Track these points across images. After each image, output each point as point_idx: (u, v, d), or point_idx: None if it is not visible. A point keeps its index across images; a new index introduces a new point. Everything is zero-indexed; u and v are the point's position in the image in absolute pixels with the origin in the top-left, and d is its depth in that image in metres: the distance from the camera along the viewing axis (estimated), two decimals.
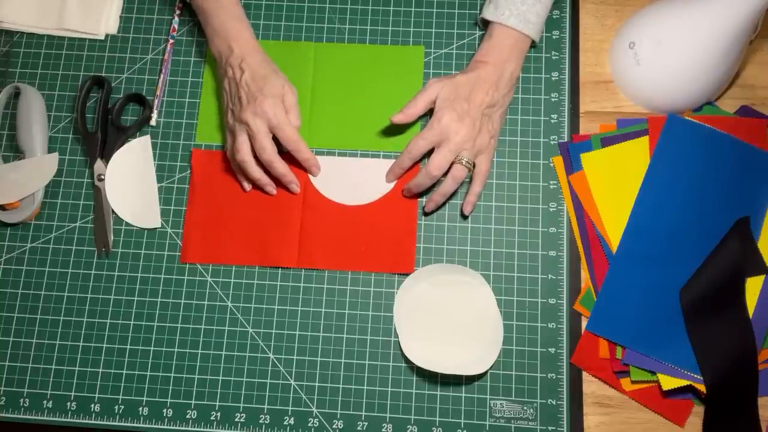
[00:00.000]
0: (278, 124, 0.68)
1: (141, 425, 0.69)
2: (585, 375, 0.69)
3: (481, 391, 0.69)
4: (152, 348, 0.71)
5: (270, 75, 0.70)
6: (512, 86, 0.72)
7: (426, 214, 0.73)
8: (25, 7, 0.80)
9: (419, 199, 0.73)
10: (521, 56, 0.72)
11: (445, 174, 0.70)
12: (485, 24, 0.74)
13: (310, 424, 0.68)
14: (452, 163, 0.69)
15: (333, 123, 0.76)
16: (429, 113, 0.72)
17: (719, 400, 0.65)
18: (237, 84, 0.69)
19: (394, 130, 0.75)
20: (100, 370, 0.71)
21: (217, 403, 0.69)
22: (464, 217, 0.73)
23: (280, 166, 0.70)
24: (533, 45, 0.74)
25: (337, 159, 0.75)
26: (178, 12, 0.80)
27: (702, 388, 0.65)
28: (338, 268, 0.72)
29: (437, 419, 0.68)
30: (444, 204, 0.73)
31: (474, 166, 0.70)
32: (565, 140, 0.75)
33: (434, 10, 0.79)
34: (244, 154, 0.69)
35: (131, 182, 0.75)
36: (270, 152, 0.69)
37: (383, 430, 0.68)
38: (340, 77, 0.77)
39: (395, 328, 0.70)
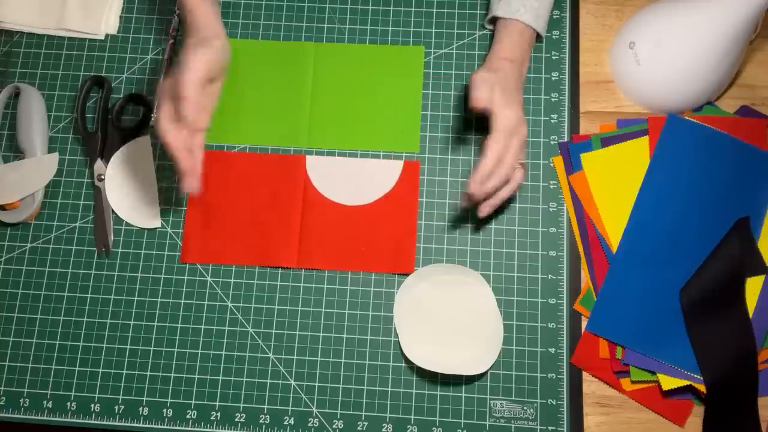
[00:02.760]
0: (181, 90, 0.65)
1: (141, 425, 0.69)
2: (585, 375, 0.69)
3: (481, 391, 0.69)
4: (152, 348, 0.71)
5: (197, 44, 0.67)
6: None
7: (480, 221, 0.72)
8: (25, 7, 0.80)
9: (419, 199, 0.73)
10: (531, 51, 0.73)
11: None
12: (492, 22, 0.74)
13: (310, 424, 0.68)
14: None
15: (333, 123, 0.76)
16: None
17: (719, 400, 0.65)
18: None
19: (394, 129, 0.75)
20: (100, 370, 0.71)
21: (217, 403, 0.69)
22: (477, 225, 0.72)
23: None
24: (538, 40, 0.74)
25: (337, 159, 0.75)
26: (177, 11, 0.80)
27: (702, 388, 0.65)
28: (338, 268, 0.72)
29: (437, 419, 0.68)
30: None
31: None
32: (565, 140, 0.75)
33: (434, 10, 0.79)
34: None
35: (131, 182, 0.75)
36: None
37: (383, 430, 0.68)
38: (341, 77, 0.77)
39: (395, 328, 0.70)
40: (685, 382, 0.65)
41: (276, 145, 0.76)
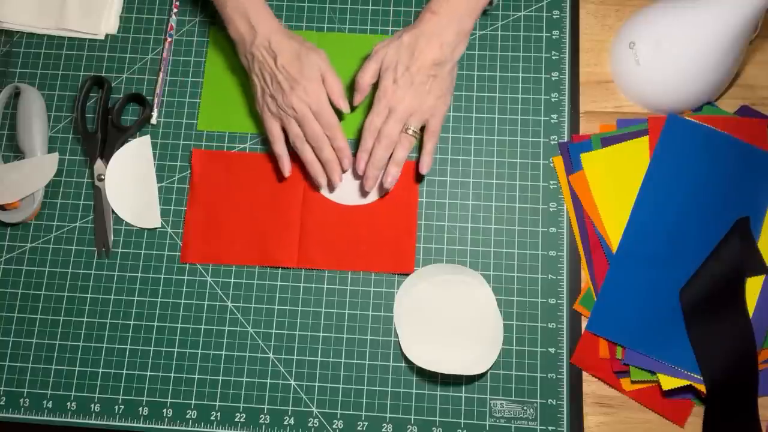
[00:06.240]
0: (319, 109, 0.68)
1: (141, 425, 0.69)
2: (585, 375, 0.69)
3: (481, 391, 0.69)
4: (152, 348, 0.71)
5: (303, 55, 0.68)
6: (465, 40, 0.69)
7: (385, 190, 0.73)
8: (25, 7, 0.80)
9: (419, 199, 0.73)
10: (478, 12, 0.69)
11: None
12: None
13: (310, 424, 0.69)
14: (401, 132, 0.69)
15: (336, 112, 0.76)
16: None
17: (719, 400, 0.65)
18: (272, 69, 0.68)
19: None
20: (100, 370, 0.71)
21: (217, 403, 0.69)
22: (420, 178, 0.73)
23: (328, 151, 0.70)
24: (491, 3, 0.72)
25: None
26: (175, 11, 0.80)
27: (702, 388, 0.65)
28: (338, 268, 0.72)
29: (437, 419, 0.68)
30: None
31: (423, 128, 0.70)
32: (565, 140, 0.75)
33: None
34: (295, 137, 0.69)
35: (131, 182, 0.75)
36: (319, 135, 0.69)
37: (383, 430, 0.68)
38: (343, 66, 0.77)
39: (395, 328, 0.70)
40: (685, 382, 0.65)
41: None
